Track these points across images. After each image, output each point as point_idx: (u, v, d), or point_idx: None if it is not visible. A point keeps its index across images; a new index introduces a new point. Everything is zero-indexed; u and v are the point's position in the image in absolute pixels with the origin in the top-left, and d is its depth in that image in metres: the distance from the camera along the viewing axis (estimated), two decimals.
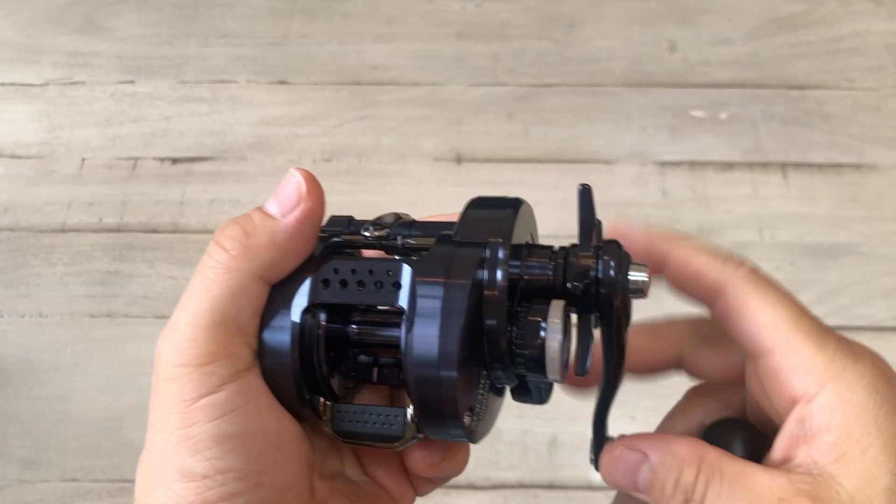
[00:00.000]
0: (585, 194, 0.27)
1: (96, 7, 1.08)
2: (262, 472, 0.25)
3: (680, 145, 0.95)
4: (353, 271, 0.26)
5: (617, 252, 0.26)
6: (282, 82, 1.01)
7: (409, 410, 0.26)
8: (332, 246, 0.29)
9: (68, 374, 0.82)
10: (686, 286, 0.29)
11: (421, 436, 0.27)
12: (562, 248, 0.27)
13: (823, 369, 0.25)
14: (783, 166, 0.93)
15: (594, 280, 0.26)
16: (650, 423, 0.33)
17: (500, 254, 0.25)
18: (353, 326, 0.28)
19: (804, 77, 0.99)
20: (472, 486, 0.76)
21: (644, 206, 0.90)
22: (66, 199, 0.93)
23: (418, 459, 0.29)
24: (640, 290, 0.26)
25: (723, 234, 0.88)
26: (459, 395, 0.25)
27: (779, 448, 0.26)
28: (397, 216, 0.30)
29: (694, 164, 0.93)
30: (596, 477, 0.90)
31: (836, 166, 0.93)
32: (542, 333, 0.25)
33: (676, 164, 0.93)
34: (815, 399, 0.25)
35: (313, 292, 0.26)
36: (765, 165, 0.93)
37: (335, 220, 0.30)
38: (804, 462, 0.25)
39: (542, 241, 0.29)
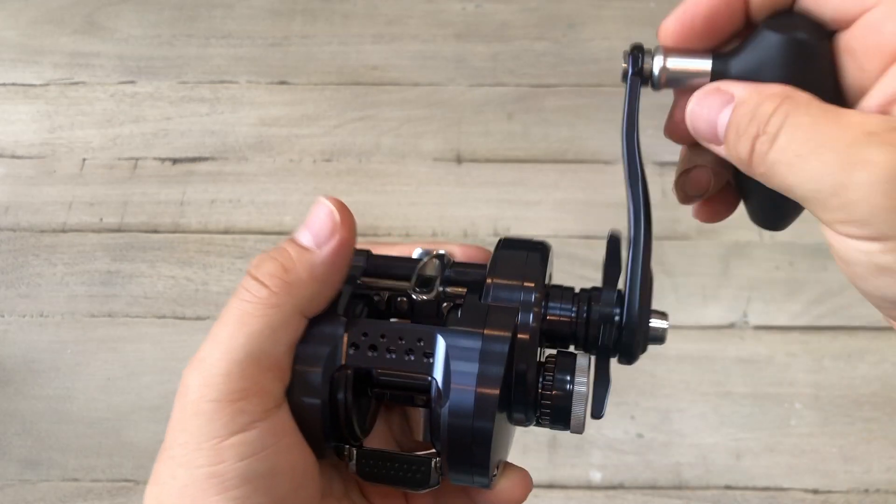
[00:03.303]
0: (614, 244, 0.27)
1: (97, 8, 1.08)
2: None
3: (679, 145, 0.94)
4: (383, 336, 0.26)
5: (639, 300, 0.26)
6: (282, 82, 1.01)
7: (434, 461, 0.27)
8: (362, 299, 0.28)
9: (68, 374, 0.82)
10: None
11: (441, 480, 0.27)
12: (583, 291, 0.27)
13: None
14: None
15: (617, 327, 0.26)
16: (650, 422, 0.32)
17: (533, 300, 0.26)
18: (378, 371, 0.27)
19: None
20: None
21: None
22: (67, 199, 0.93)
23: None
24: (660, 339, 0.26)
25: (722, 234, 0.88)
26: (493, 449, 0.25)
27: (872, 103, 0.24)
28: (439, 261, 0.29)
29: None
30: (595, 477, 0.89)
31: None
32: (569, 388, 0.26)
33: (676, 164, 0.93)
34: None
35: (345, 355, 0.26)
36: None
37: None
38: None
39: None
